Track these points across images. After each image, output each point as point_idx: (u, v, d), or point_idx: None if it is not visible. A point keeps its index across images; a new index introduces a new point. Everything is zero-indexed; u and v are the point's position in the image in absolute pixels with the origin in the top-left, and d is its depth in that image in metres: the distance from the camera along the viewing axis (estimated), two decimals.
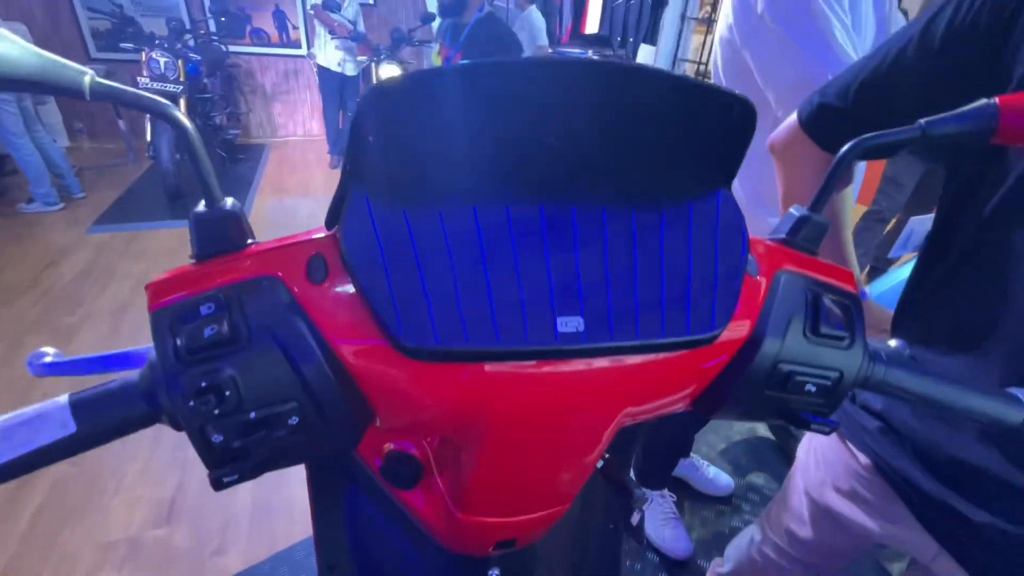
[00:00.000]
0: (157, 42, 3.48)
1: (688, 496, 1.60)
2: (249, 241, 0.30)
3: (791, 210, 0.37)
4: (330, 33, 3.97)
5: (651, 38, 5.96)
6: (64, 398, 0.27)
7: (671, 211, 0.29)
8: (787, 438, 1.76)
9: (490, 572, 0.55)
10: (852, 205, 0.72)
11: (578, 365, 0.28)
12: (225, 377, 0.25)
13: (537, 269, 0.26)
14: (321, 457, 0.32)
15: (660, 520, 1.42)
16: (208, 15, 4.62)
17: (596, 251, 0.27)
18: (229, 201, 0.30)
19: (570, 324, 0.26)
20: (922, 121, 0.32)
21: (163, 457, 1.70)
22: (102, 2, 4.11)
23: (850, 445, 0.62)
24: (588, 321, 0.26)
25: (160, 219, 3.37)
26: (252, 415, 0.26)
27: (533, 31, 4.16)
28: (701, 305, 0.28)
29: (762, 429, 1.89)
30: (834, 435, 0.67)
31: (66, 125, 4.50)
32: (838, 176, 0.35)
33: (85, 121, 4.64)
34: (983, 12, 0.46)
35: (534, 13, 4.19)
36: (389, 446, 0.48)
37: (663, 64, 6.33)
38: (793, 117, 0.63)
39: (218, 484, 0.27)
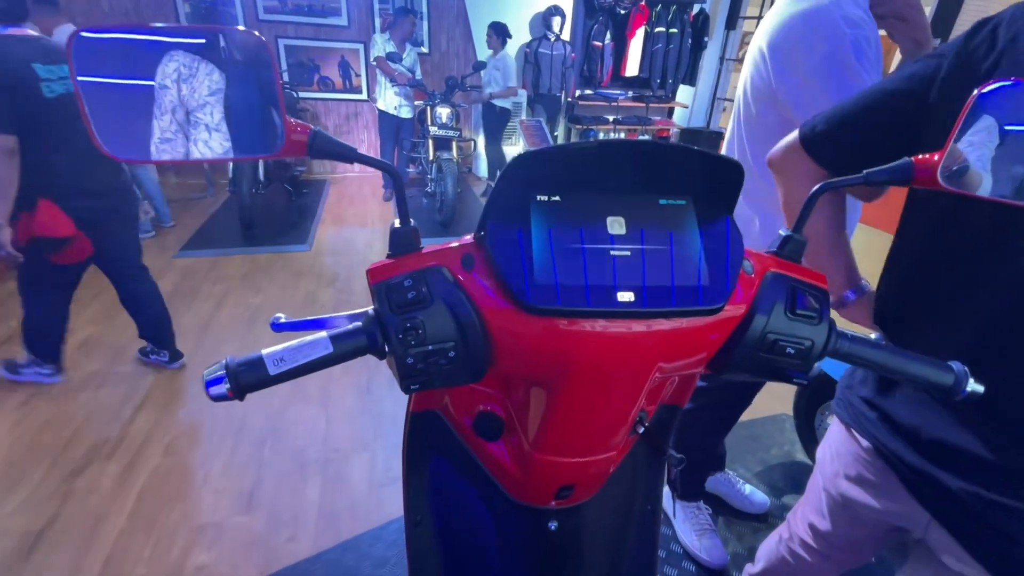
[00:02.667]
0: None
1: (724, 512, 1.66)
2: (421, 245, 0.48)
3: (780, 231, 0.52)
4: (391, 81, 4.38)
5: (690, 79, 6.18)
6: (324, 333, 0.44)
7: (696, 230, 0.45)
8: None
9: (549, 523, 0.69)
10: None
11: (629, 327, 0.44)
12: (418, 322, 0.42)
13: (609, 263, 0.43)
14: (459, 382, 0.48)
15: (696, 530, 1.50)
16: (284, 67, 5.18)
17: (647, 253, 0.44)
18: (412, 221, 0.48)
19: (625, 296, 0.42)
20: (864, 172, 0.48)
21: (242, 455, 1.92)
22: None
23: (855, 433, 0.74)
24: (637, 295, 0.42)
25: (235, 247, 3.74)
26: (429, 347, 0.43)
27: (508, 71, 4.92)
28: (712, 288, 0.44)
29: (799, 454, 1.93)
30: (844, 430, 0.79)
31: None
32: (811, 208, 0.50)
33: None
34: (954, 72, 0.60)
35: (508, 57, 4.94)
36: (480, 407, 0.64)
37: (702, 102, 6.53)
38: (792, 137, 0.78)
39: (407, 389, 0.44)
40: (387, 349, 0.45)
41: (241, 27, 0.41)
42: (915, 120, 0.65)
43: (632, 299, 0.42)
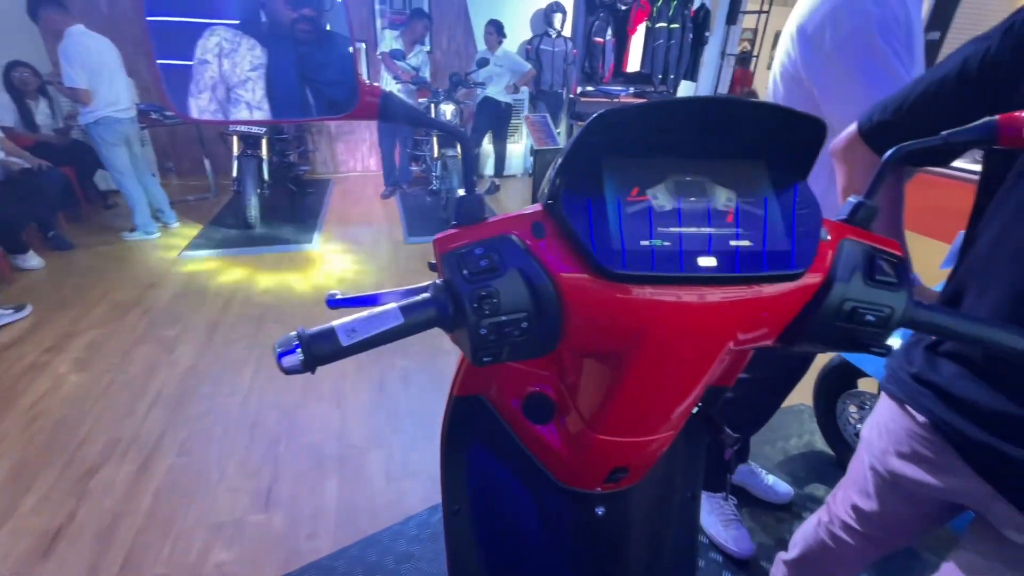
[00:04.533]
0: None
1: (748, 503, 1.65)
2: (486, 215, 0.47)
3: (850, 198, 0.50)
4: (395, 79, 4.36)
5: (692, 74, 6.17)
6: (394, 305, 0.43)
7: (771, 195, 0.44)
8: (844, 452, 1.79)
9: (596, 509, 0.67)
10: None
11: (708, 295, 0.42)
12: (492, 290, 0.41)
13: (686, 227, 0.42)
14: (529, 354, 0.46)
15: (722, 521, 1.49)
16: None
17: (724, 217, 0.42)
18: (478, 191, 0.46)
19: (707, 262, 0.41)
20: (944, 132, 0.46)
21: (257, 453, 1.90)
22: None
23: (910, 409, 0.73)
24: (719, 261, 0.41)
25: (241, 246, 3.72)
26: (503, 317, 0.42)
27: (515, 61, 4.97)
28: (793, 254, 0.42)
29: (819, 443, 1.92)
30: (895, 406, 0.77)
31: (159, 164, 5.05)
32: (884, 174, 0.48)
33: (174, 160, 5.19)
34: (1006, 52, 0.61)
35: (509, 52, 4.97)
36: (530, 389, 0.62)
37: None
38: (853, 128, 0.80)
39: (479, 361, 0.43)
40: (456, 320, 0.43)
41: None
42: (971, 102, 0.65)
43: (714, 264, 0.41)
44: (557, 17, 5.24)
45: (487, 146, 5.58)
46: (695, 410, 0.66)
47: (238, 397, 2.18)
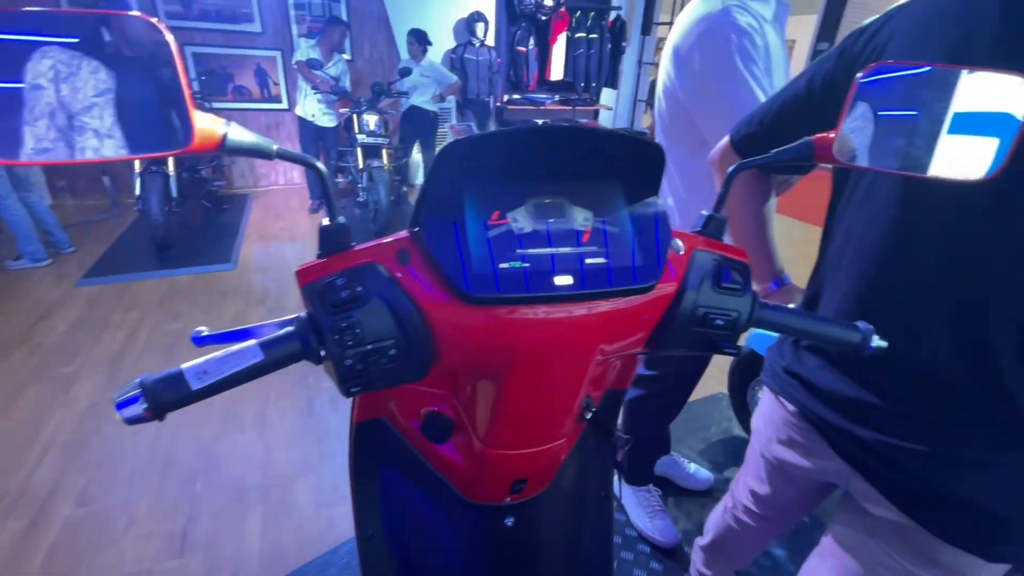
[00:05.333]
0: None
1: (672, 492, 1.73)
2: (352, 244, 0.46)
3: (702, 212, 0.55)
4: (313, 89, 4.23)
5: (612, 82, 6.43)
6: (254, 341, 0.41)
7: (625, 213, 0.47)
8: None
9: (505, 520, 0.68)
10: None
11: (569, 311, 0.44)
12: (355, 321, 0.41)
13: (544, 248, 0.43)
14: (402, 380, 0.46)
15: (648, 512, 1.55)
16: (193, 76, 4.84)
17: (581, 236, 0.44)
18: (341, 219, 0.46)
19: (563, 280, 0.43)
20: (773, 151, 0.52)
21: (170, 494, 1.76)
22: None
23: (782, 400, 0.79)
24: (574, 278, 0.43)
25: (149, 270, 3.44)
26: (368, 347, 0.42)
27: (440, 75, 4.98)
28: (645, 267, 0.45)
29: (736, 429, 2.05)
30: (773, 398, 0.84)
31: (49, 184, 4.57)
32: (729, 186, 0.53)
33: (68, 179, 4.73)
34: (840, 73, 0.69)
35: (434, 62, 4.99)
36: (426, 409, 0.62)
37: (624, 104, 6.81)
38: (726, 140, 0.87)
39: (347, 392, 0.42)
40: (323, 353, 0.42)
41: (135, 12, 0.37)
42: (817, 116, 0.72)
43: (570, 282, 0.43)
44: (479, 26, 5.29)
45: (416, 156, 5.52)
46: (589, 415, 0.69)
47: (147, 435, 2.01)
